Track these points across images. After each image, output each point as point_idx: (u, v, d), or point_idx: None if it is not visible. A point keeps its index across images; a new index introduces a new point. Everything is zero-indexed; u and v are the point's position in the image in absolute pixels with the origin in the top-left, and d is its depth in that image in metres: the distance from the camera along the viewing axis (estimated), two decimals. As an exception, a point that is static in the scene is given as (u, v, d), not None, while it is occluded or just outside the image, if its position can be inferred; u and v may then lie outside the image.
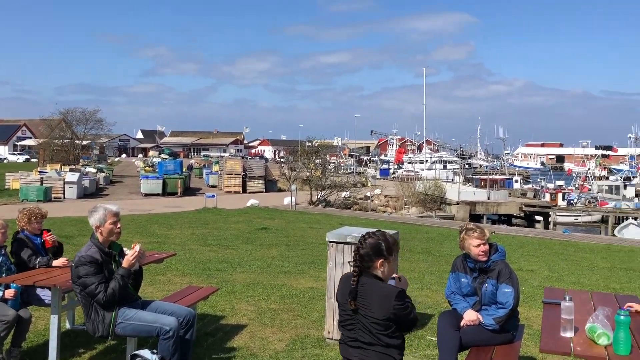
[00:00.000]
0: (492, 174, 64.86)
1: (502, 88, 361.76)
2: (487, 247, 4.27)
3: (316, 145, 50.74)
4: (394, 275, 3.27)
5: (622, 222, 35.73)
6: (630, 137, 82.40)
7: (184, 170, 36.66)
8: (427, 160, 74.17)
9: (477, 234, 4.26)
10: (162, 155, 43.46)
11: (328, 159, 59.53)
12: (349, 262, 5.64)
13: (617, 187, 50.91)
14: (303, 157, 39.04)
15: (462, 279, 4.40)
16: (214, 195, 24.94)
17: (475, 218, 35.17)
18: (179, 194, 31.16)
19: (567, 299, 3.50)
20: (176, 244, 12.47)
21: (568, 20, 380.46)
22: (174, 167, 33.06)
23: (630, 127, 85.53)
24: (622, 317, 3.14)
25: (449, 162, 77.09)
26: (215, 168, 43.75)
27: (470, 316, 4.19)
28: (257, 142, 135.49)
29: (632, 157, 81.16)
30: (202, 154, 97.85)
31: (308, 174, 35.08)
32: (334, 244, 5.63)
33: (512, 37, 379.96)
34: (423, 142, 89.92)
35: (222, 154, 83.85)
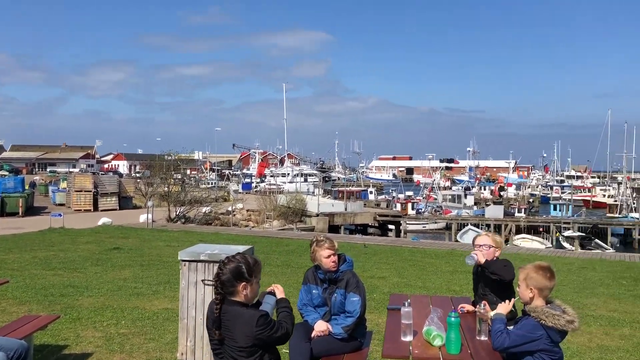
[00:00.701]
0: (349, 186, 67.68)
1: (357, 104, 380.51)
2: (336, 257, 4.41)
3: (175, 159, 49.27)
4: (268, 289, 3.33)
5: (463, 228, 39.14)
6: (469, 151, 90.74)
7: (26, 187, 33.62)
8: (288, 174, 75.33)
9: (328, 245, 4.39)
10: (1, 172, 39.55)
11: (188, 173, 58.02)
12: (202, 280, 5.54)
13: (459, 196, 55.69)
14: (161, 172, 37.70)
15: (314, 291, 4.50)
16: (60, 215, 23.19)
17: (333, 229, 36.37)
18: (20, 213, 28.54)
19: (406, 305, 3.72)
20: (13, 269, 11.35)
21: (414, 42, 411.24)
22: (14, 185, 30.25)
23: (469, 142, 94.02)
24: (452, 319, 3.41)
25: (310, 175, 79.00)
26: (63, 185, 40.69)
27: (320, 327, 4.29)
28: (111, 156, 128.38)
29: (470, 168, 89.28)
30: (48, 169, 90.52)
31: (166, 189, 33.92)
32: (187, 263, 5.47)
33: (366, 56, 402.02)
34: (285, 156, 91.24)
35: (71, 170, 78.30)
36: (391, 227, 41.45)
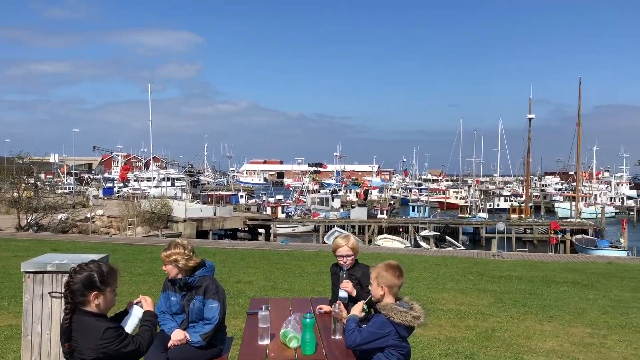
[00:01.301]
0: (219, 190, 66.73)
1: (228, 107, 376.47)
2: (166, 267, 4.30)
3: (27, 162, 45.35)
4: (136, 300, 3.26)
5: (330, 229, 40.32)
6: (336, 155, 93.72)
7: None
8: (154, 178, 72.47)
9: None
10: None
11: (42, 177, 53.56)
12: (49, 292, 5.15)
13: (327, 200, 57.23)
14: (10, 176, 34.50)
15: (172, 298, 4.38)
16: None
17: (202, 234, 35.64)
18: None
19: (263, 309, 3.75)
20: None
21: (286, 47, 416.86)
22: None
23: (335, 147, 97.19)
24: (307, 320, 3.50)
25: (177, 179, 76.68)
26: None
27: (177, 336, 4.18)
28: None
29: (337, 172, 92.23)
30: None
31: (16, 194, 31.08)
32: (31, 274, 5.06)
33: (237, 59, 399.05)
34: (150, 159, 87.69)
35: None
36: (261, 230, 41.54)
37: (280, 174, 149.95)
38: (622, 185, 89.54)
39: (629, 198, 77.66)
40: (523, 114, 50.91)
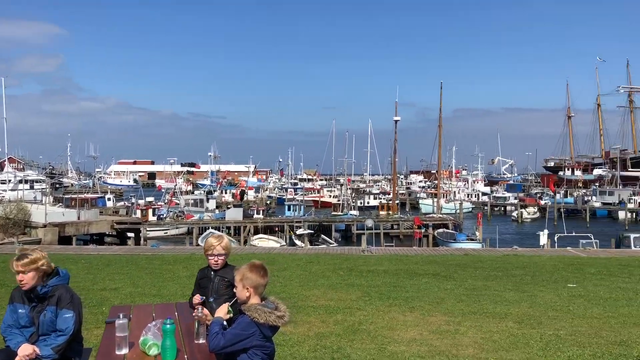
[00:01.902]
0: (84, 192, 62.73)
1: (94, 105, 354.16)
2: (25, 275, 4.01)
3: None
4: None
5: (205, 231, 39.58)
6: (210, 155, 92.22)
7: None
8: (9, 180, 66.35)
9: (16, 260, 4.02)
10: None
11: None
12: None
13: (202, 201, 56.06)
14: None
15: (20, 310, 4.06)
16: None
17: (65, 240, 33.28)
18: None
19: (121, 317, 3.59)
20: None
21: (155, 43, 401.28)
22: None
23: (210, 147, 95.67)
24: (167, 326, 3.41)
25: (37, 181, 70.85)
26: None
27: (25, 350, 3.87)
28: None
29: (212, 173, 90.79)
30: None
31: None
32: None
33: (104, 54, 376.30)
34: (5, 160, 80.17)
35: None
36: (130, 235, 39.66)
37: (152, 175, 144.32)
38: (477, 182, 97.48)
39: (484, 194, 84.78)
40: (391, 116, 53.53)
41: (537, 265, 14.58)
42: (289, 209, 54.33)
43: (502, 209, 73.22)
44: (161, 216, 47.01)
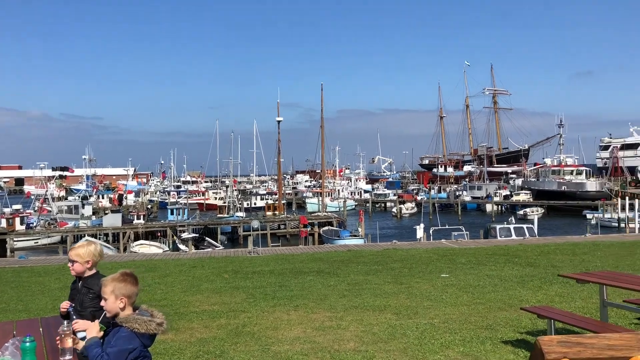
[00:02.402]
0: (-63, 202, 56.44)
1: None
2: None
3: None
4: None
5: (80, 239, 37.22)
6: (85, 159, 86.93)
7: None
8: None
9: None
10: None
11: None
12: None
13: (76, 207, 52.68)
14: None
15: None
16: None
17: None
18: None
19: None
20: None
21: (21, 37, 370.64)
22: None
23: (85, 149, 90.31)
24: (27, 344, 3.15)
25: None
26: None
27: None
28: None
29: (88, 177, 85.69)
30: None
31: None
32: None
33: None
34: None
35: None
36: None
37: (19, 181, 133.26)
38: (359, 180, 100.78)
39: (366, 192, 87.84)
40: (275, 117, 53.60)
41: (414, 258, 15.34)
42: (171, 213, 52.67)
43: (383, 205, 76.33)
44: (31, 225, 43.52)
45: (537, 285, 10.40)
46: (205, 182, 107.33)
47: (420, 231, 31.75)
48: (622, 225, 40.64)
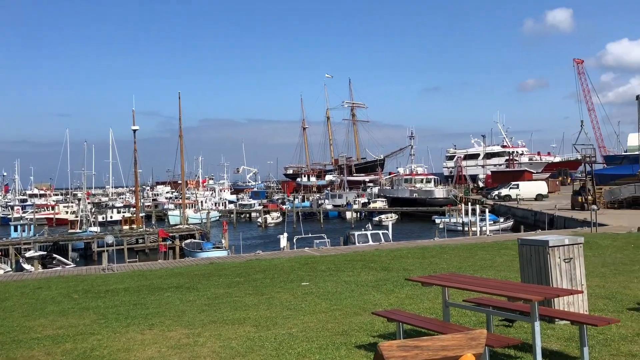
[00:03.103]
0: None
1: None
2: None
3: None
4: None
5: None
6: None
7: None
8: None
9: None
10: None
11: None
12: None
13: None
14: None
15: None
16: None
17: None
18: None
19: None
20: None
21: None
22: None
23: None
24: None
25: None
26: None
27: None
28: None
29: None
30: None
31: None
32: None
33: None
34: None
35: None
36: None
37: None
38: (224, 191, 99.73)
39: (230, 202, 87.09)
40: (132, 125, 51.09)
41: (277, 268, 15.43)
42: (15, 230, 48.08)
43: (248, 215, 76.12)
44: None
45: (390, 289, 10.95)
46: (55, 195, 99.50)
47: (283, 240, 32.10)
48: (466, 228, 44.40)
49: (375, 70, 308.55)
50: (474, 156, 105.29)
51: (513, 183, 61.42)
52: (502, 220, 47.32)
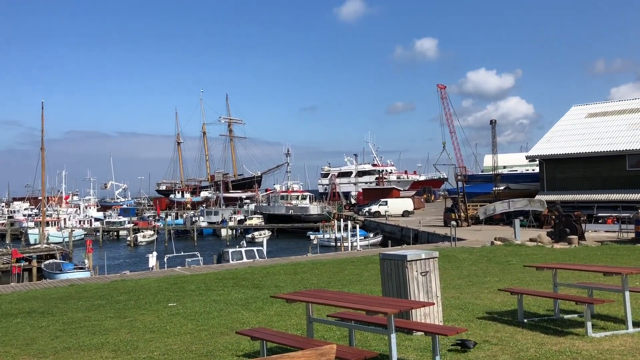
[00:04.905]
0: None
1: None
2: None
3: None
4: None
5: None
6: None
7: None
8: None
9: None
10: None
11: None
12: None
13: None
14: None
15: None
16: None
17: None
18: None
19: None
20: None
21: None
22: None
23: None
24: None
25: None
26: None
27: None
28: None
29: None
30: None
31: None
32: None
33: None
34: None
35: None
36: None
37: None
38: (90, 207, 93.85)
39: (97, 219, 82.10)
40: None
41: (143, 289, 14.76)
42: None
43: (116, 233, 72.19)
44: None
45: (259, 307, 10.92)
46: None
47: (152, 259, 30.81)
48: (338, 244, 45.66)
49: (253, 87, 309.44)
50: (347, 174, 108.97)
51: (382, 200, 64.26)
52: (372, 235, 49.26)
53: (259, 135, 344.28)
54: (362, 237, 46.42)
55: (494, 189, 55.15)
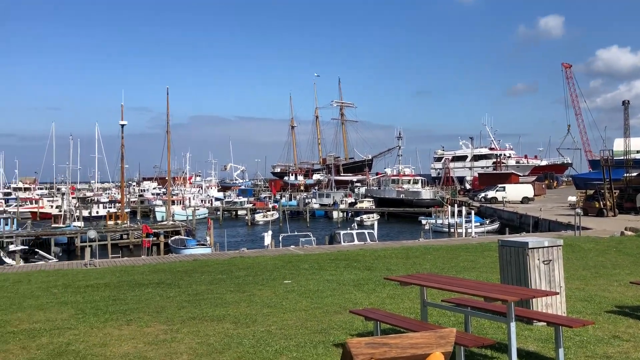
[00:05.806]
0: None
1: None
2: None
3: None
4: None
5: None
6: None
7: None
8: None
9: None
10: None
11: None
12: None
13: None
14: None
15: None
16: None
17: None
18: None
19: None
20: None
21: None
22: None
23: None
24: None
25: None
26: None
27: None
28: None
29: None
30: None
31: None
32: None
33: None
34: None
35: None
36: None
37: None
38: (211, 188, 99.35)
39: (217, 199, 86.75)
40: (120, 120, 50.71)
41: (260, 265, 15.38)
42: (-2, 223, 47.49)
43: (235, 213, 75.87)
44: None
45: (371, 288, 10.96)
46: (40, 188, 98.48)
47: (268, 238, 31.99)
48: (452, 230, 44.61)
49: (366, 71, 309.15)
50: (462, 158, 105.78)
51: (500, 185, 61.75)
52: (487, 222, 47.59)
53: (371, 118, 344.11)
54: (478, 224, 45.00)
55: (625, 175, 50.79)
